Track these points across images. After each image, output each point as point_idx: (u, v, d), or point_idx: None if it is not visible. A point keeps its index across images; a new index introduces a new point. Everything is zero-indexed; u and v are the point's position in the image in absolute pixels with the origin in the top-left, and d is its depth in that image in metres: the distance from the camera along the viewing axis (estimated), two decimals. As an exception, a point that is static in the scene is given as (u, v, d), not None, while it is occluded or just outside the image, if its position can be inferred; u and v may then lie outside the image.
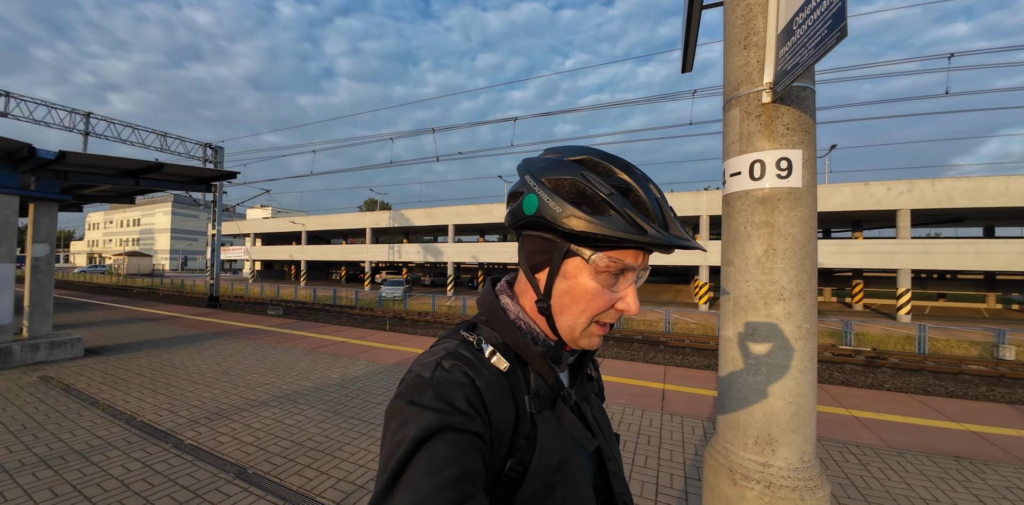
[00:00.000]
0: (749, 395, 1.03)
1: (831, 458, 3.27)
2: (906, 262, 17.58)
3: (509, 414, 0.54)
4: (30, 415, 3.84)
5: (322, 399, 4.37)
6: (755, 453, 1.04)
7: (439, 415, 0.46)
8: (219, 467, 2.91)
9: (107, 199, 9.21)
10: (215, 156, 18.65)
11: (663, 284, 31.54)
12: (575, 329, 0.57)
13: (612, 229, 0.51)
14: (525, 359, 0.59)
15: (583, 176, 0.54)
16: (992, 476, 3.07)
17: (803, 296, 0.99)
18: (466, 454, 0.45)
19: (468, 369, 0.53)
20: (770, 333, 1.01)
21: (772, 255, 1.03)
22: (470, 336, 0.59)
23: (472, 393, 0.50)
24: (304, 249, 34.84)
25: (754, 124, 1.04)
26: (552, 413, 0.59)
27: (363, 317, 18.05)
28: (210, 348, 6.84)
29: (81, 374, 5.23)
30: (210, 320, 10.19)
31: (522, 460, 0.53)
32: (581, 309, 0.55)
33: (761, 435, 1.01)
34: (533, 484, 0.53)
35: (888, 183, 17.88)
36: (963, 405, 4.70)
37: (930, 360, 10.82)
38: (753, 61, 1.02)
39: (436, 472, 0.42)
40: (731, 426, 1.07)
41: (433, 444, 0.44)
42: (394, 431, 0.47)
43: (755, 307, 1.04)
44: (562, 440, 0.58)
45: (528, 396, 0.57)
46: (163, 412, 3.94)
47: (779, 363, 1.00)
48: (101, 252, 72.11)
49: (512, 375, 0.57)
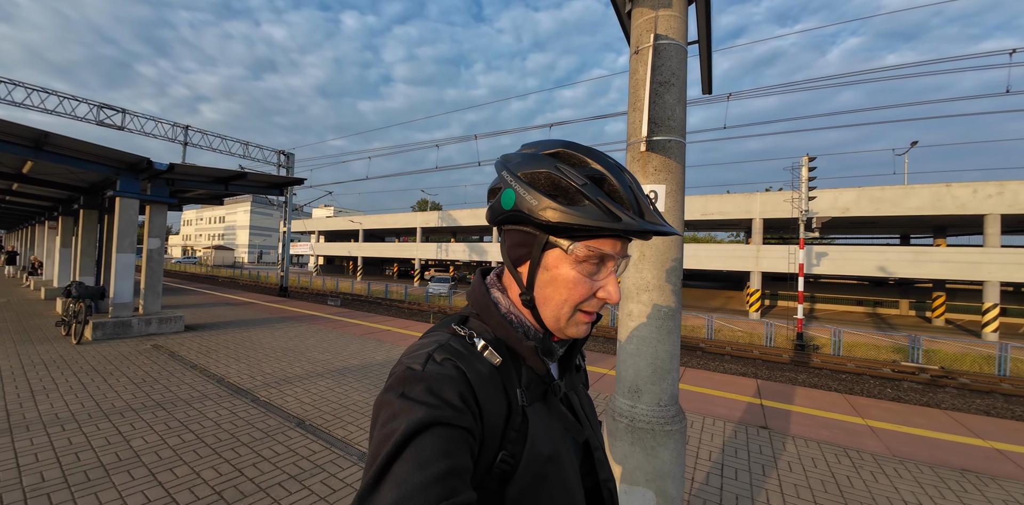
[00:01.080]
0: (626, 358, 1.42)
1: (822, 458, 3.41)
2: (994, 273, 15.71)
3: (501, 408, 0.54)
4: (148, 372, 4.90)
5: (366, 375, 5.11)
6: (627, 399, 1.41)
7: (430, 410, 0.46)
8: (284, 418, 3.66)
9: (202, 201, 10.82)
10: (287, 161, 20.74)
11: (713, 290, 30.24)
12: (560, 319, 0.58)
13: (587, 218, 0.52)
14: (518, 353, 0.59)
15: (557, 168, 0.55)
16: (993, 490, 3.06)
17: (662, 288, 1.37)
18: (455, 449, 0.45)
19: (460, 363, 0.53)
20: (640, 314, 1.38)
21: (642, 259, 1.39)
22: (461, 330, 0.59)
23: (464, 388, 0.50)
24: (361, 246, 37.38)
25: (636, 165, 1.43)
26: (542, 405, 0.60)
27: (410, 310, 19.27)
28: (280, 329, 7.96)
29: (183, 344, 6.41)
30: (280, 307, 11.59)
31: (513, 452, 0.53)
32: (564, 299, 0.56)
33: (632, 386, 1.40)
34: (525, 475, 0.53)
35: (975, 184, 16.07)
36: (1001, 424, 4.48)
37: (1007, 382, 9.79)
38: (637, 120, 1.38)
39: (424, 467, 0.42)
40: (617, 380, 1.47)
41: (422, 439, 0.44)
42: (383, 424, 0.47)
43: (632, 296, 1.42)
44: (552, 431, 0.59)
45: (520, 389, 0.57)
46: (243, 376, 4.86)
47: (644, 335, 1.37)
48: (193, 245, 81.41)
49: (504, 369, 0.57)
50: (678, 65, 1.39)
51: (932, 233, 22.49)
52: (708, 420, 4.11)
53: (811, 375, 9.94)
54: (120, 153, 6.59)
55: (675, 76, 1.38)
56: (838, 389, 8.78)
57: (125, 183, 7.22)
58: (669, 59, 1.38)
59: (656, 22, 1.38)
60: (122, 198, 7.20)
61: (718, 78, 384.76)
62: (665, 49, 1.38)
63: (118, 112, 15.59)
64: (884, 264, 17.21)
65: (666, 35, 1.39)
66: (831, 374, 10.20)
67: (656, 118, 1.36)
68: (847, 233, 27.66)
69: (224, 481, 2.65)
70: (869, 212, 17.46)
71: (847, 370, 10.51)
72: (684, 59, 1.42)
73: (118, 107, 15.49)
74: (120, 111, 15.62)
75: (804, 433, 3.90)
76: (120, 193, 7.15)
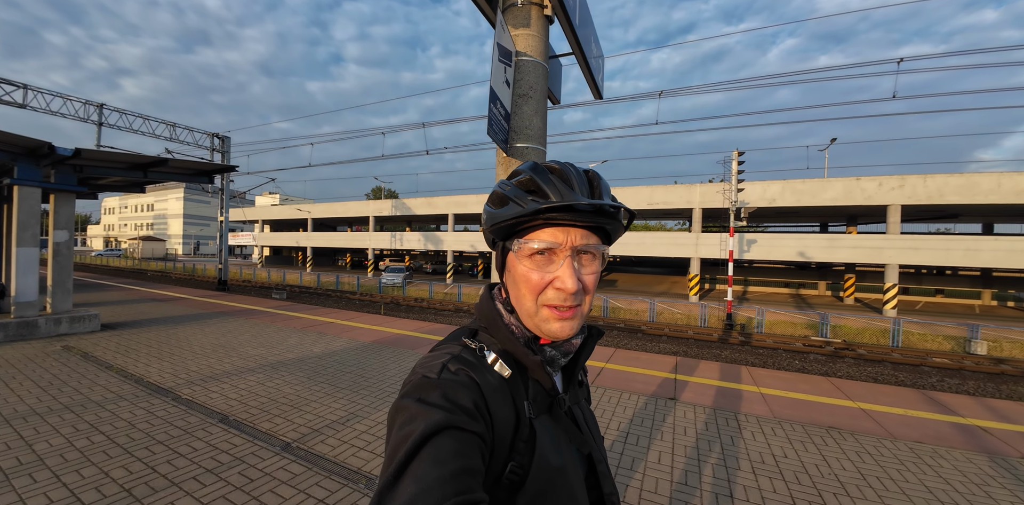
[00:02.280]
0: None
1: (715, 422, 3.88)
2: (894, 257, 17.81)
3: (510, 418, 0.55)
4: (55, 375, 4.60)
5: (301, 368, 5.08)
6: None
7: (446, 413, 0.48)
8: (206, 414, 3.62)
9: (120, 188, 9.96)
10: (222, 146, 19.36)
11: (659, 275, 31.94)
12: (531, 316, 0.60)
13: (503, 213, 0.59)
14: (525, 366, 0.61)
15: (500, 186, 0.62)
16: (850, 442, 3.63)
17: None
18: (470, 451, 0.47)
19: (473, 373, 0.55)
20: None
21: None
22: (472, 343, 0.61)
23: (477, 396, 0.52)
24: (310, 236, 35.80)
25: (501, 168, 1.61)
26: (548, 417, 0.62)
27: (362, 302, 18.89)
28: (212, 325, 7.62)
29: (98, 344, 6.01)
30: (216, 302, 11.01)
31: (522, 463, 0.54)
32: (523, 293, 0.60)
33: None
34: (533, 486, 0.54)
35: (880, 178, 18.00)
36: (872, 388, 5.24)
37: (897, 353, 11.27)
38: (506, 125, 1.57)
39: (441, 464, 0.43)
40: None
41: (439, 439, 0.45)
42: (400, 426, 0.48)
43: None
44: (558, 444, 0.60)
45: (527, 402, 0.59)
46: (166, 375, 4.68)
47: None
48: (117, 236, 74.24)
49: (512, 382, 0.59)
50: (536, 80, 1.55)
51: (846, 221, 24.98)
52: (625, 395, 4.51)
53: (733, 351, 10.94)
54: (16, 137, 5.94)
55: (533, 89, 1.54)
56: (754, 363, 9.74)
57: (23, 170, 6.54)
58: (528, 74, 1.54)
59: (515, 40, 1.54)
60: (21, 187, 6.52)
61: (669, 72, 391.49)
62: (524, 65, 1.54)
63: (19, 88, 13.80)
64: (804, 250, 18.99)
65: (525, 52, 1.54)
66: (751, 349, 11.27)
67: (516, 127, 1.53)
68: (776, 221, 30.05)
69: (135, 479, 2.63)
70: (792, 202, 19.10)
71: (765, 346, 11.67)
72: (543, 74, 1.59)
73: (19, 82, 13.71)
74: (21, 86, 13.84)
75: (704, 401, 4.39)
76: (18, 181, 6.47)
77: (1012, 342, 11.81)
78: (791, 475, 3.00)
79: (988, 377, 9.53)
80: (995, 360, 10.64)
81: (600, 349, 6.64)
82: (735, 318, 15.00)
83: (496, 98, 1.36)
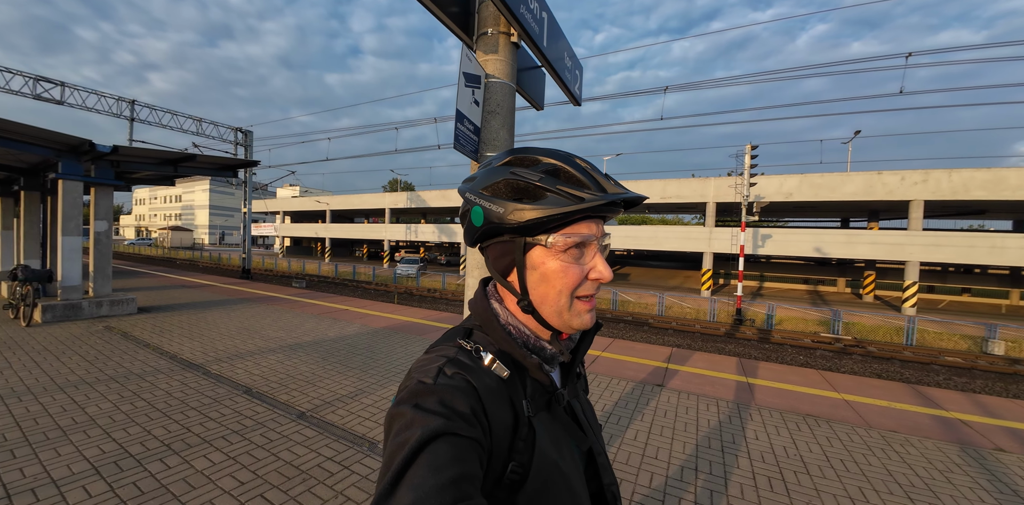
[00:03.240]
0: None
1: (695, 407, 4.12)
2: (915, 254, 17.36)
3: (508, 419, 0.55)
4: (100, 351, 5.14)
5: (316, 349, 5.52)
6: None
7: (443, 420, 0.48)
8: (233, 387, 4.07)
9: (152, 182, 10.60)
10: (245, 139, 20.09)
11: (673, 270, 31.73)
12: (561, 312, 0.59)
13: (553, 208, 0.55)
14: (524, 366, 0.61)
15: (513, 173, 0.58)
16: (823, 429, 3.81)
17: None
18: (467, 457, 0.46)
19: (470, 376, 0.54)
20: (472, 286, 1.88)
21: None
22: (467, 344, 0.60)
23: (474, 401, 0.52)
24: (328, 227, 36.77)
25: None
26: (547, 414, 0.61)
27: (377, 291, 19.54)
28: (237, 310, 8.19)
29: (136, 325, 6.60)
30: (240, 289, 11.68)
31: (522, 463, 0.54)
32: (559, 290, 0.58)
33: None
34: (533, 484, 0.54)
35: (902, 172, 17.49)
36: (861, 381, 5.36)
37: (909, 351, 11.16)
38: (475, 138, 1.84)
39: (439, 471, 0.43)
40: None
41: (436, 446, 0.45)
42: (397, 434, 0.48)
43: (470, 272, 1.91)
44: (558, 439, 0.60)
45: (525, 400, 0.59)
46: (196, 353, 5.18)
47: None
48: (147, 226, 77.39)
49: (510, 382, 0.58)
50: (503, 98, 1.81)
51: (867, 217, 24.32)
52: (615, 381, 4.78)
53: (738, 345, 11.03)
54: (60, 135, 6.49)
55: (500, 107, 1.81)
56: (756, 357, 9.85)
57: (67, 165, 7.12)
58: (496, 94, 1.80)
59: (485, 65, 1.80)
60: (65, 181, 7.11)
61: (691, 61, 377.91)
62: (493, 85, 1.80)
63: (57, 85, 14.67)
64: (820, 245, 18.67)
65: (494, 75, 1.80)
66: (756, 344, 11.34)
67: (485, 139, 1.80)
68: (793, 216, 29.42)
69: (173, 436, 3.06)
70: (809, 197, 18.74)
71: (772, 340, 11.70)
72: (510, 94, 1.84)
73: (57, 80, 14.56)
74: (59, 84, 14.70)
75: (691, 389, 4.63)
76: (62, 176, 7.06)
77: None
78: (757, 455, 3.24)
79: (999, 377, 9.42)
80: (1011, 360, 10.46)
81: (599, 339, 6.89)
82: (745, 313, 15.00)
83: (463, 117, 1.64)
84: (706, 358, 5.98)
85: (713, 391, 4.61)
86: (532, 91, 2.54)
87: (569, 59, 2.40)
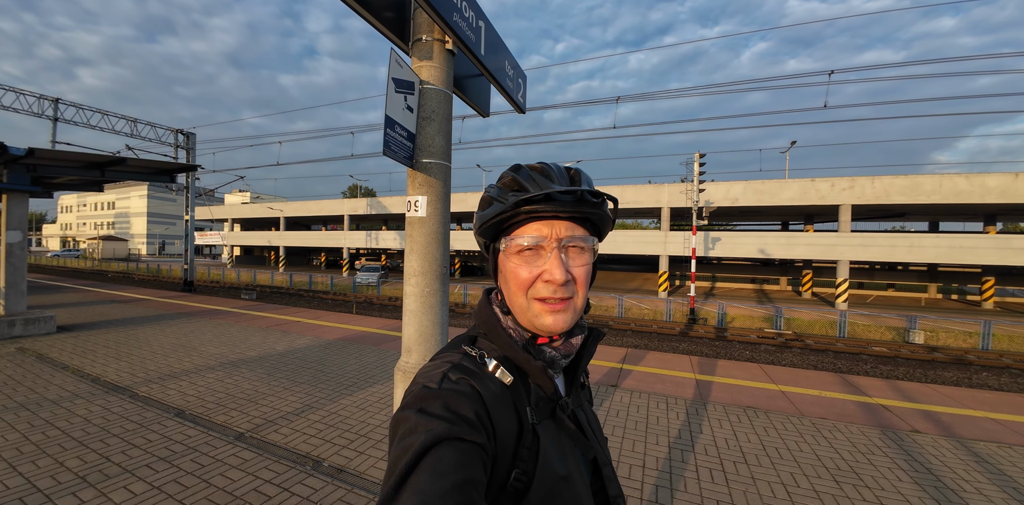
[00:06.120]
0: (405, 326, 1.91)
1: (646, 405, 4.25)
2: (845, 254, 18.91)
3: (512, 426, 0.55)
4: (10, 376, 4.61)
5: (261, 365, 5.22)
6: (404, 356, 1.91)
7: (447, 424, 0.47)
8: (162, 410, 3.76)
9: (76, 187, 9.71)
10: (187, 142, 18.86)
11: (632, 273, 32.78)
12: (524, 312, 0.60)
13: (488, 213, 0.61)
14: (526, 371, 0.61)
15: (487, 189, 0.64)
16: (761, 420, 4.05)
17: (426, 273, 1.87)
18: (471, 462, 0.46)
19: (474, 382, 0.55)
20: (410, 294, 1.86)
21: (411, 252, 1.86)
22: (472, 350, 0.61)
23: (479, 406, 0.52)
24: (283, 235, 35.09)
25: (410, 180, 1.87)
26: (552, 422, 0.61)
27: (335, 301, 18.80)
28: (173, 326, 7.61)
29: (53, 346, 5.97)
30: (180, 303, 10.87)
31: (526, 470, 0.54)
32: (514, 291, 0.60)
33: (406, 346, 1.90)
34: (538, 493, 0.53)
35: (832, 180, 19.06)
36: (797, 373, 5.74)
37: (841, 343, 12.08)
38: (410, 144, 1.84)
39: (442, 476, 0.43)
40: (402, 343, 1.96)
41: (440, 450, 0.45)
42: (401, 438, 0.48)
43: (407, 280, 1.90)
44: (562, 448, 0.60)
45: (529, 407, 0.59)
46: (123, 374, 4.76)
47: (413, 309, 1.86)
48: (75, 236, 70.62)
49: (514, 388, 0.58)
50: (438, 105, 1.82)
51: (803, 220, 26.28)
52: (571, 384, 4.84)
53: (691, 344, 11.53)
54: (-42, 135, 5.82)
55: (435, 113, 1.82)
56: (707, 354, 10.32)
57: (-31, 169, 6.39)
58: (431, 100, 1.81)
59: (419, 71, 1.80)
60: (-33, 186, 6.37)
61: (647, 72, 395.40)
62: (427, 92, 1.81)
63: (-40, 81, 13.14)
64: (764, 247, 19.95)
65: (428, 81, 1.81)
66: (708, 342, 11.89)
67: (420, 145, 1.80)
68: (740, 220, 31.31)
69: (89, 467, 2.78)
70: (753, 202, 20.03)
71: (722, 337, 12.31)
72: (445, 100, 1.86)
73: (-42, 74, 13.08)
74: (-39, 79, 13.20)
75: (642, 388, 4.78)
76: (-37, 181, 6.32)
77: (947, 331, 12.79)
78: (701, 448, 3.38)
79: (920, 364, 10.37)
80: (929, 348, 11.56)
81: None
82: (698, 313, 15.70)
83: (394, 123, 1.62)
84: (660, 357, 6.20)
85: (664, 389, 4.77)
86: (476, 98, 2.57)
87: (511, 68, 2.45)
